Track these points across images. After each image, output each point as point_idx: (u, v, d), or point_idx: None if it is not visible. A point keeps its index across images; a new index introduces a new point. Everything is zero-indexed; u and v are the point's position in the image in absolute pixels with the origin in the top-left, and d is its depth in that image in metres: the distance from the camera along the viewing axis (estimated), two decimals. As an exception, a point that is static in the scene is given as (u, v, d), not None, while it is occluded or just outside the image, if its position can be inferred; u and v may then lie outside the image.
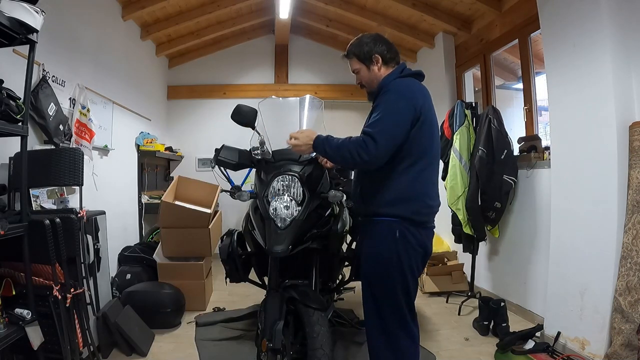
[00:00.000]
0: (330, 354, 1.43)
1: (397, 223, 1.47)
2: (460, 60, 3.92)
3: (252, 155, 1.81)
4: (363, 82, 1.65)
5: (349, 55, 1.66)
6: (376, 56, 1.58)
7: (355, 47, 1.63)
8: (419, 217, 1.50)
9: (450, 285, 3.34)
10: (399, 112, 1.42)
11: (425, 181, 1.51)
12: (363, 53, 1.60)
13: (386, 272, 1.49)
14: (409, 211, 1.47)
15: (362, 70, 1.62)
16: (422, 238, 1.52)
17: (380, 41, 1.60)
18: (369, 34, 1.65)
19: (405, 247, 1.47)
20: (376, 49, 1.58)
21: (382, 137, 1.38)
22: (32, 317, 1.61)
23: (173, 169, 4.95)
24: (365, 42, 1.61)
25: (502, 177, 2.73)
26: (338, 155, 1.46)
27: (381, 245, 1.50)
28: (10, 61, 1.97)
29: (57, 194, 2.26)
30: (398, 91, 1.46)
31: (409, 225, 1.47)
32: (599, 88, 2.06)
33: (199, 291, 2.98)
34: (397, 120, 1.41)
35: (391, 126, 1.40)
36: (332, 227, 1.83)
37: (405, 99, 1.44)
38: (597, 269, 2.07)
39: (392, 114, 1.42)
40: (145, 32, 4.00)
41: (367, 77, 1.62)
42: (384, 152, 1.39)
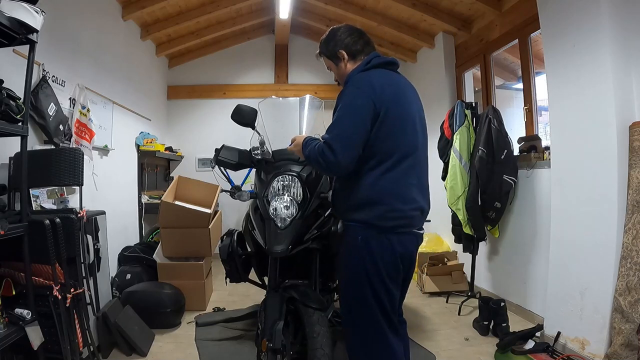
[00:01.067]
0: (330, 354, 1.43)
1: (361, 229, 1.36)
2: (460, 60, 3.92)
3: (252, 155, 1.81)
4: (337, 78, 1.56)
5: (320, 53, 1.56)
6: (341, 52, 1.47)
7: (323, 45, 1.53)
8: (385, 222, 1.34)
9: (450, 285, 3.34)
10: (356, 112, 1.30)
11: (394, 182, 1.35)
12: (329, 50, 1.50)
13: (355, 279, 1.38)
14: (372, 216, 1.34)
15: (333, 67, 1.53)
16: (393, 244, 1.35)
17: (346, 34, 1.47)
18: (338, 27, 1.52)
19: (370, 254, 1.34)
20: (340, 44, 1.47)
21: (339, 144, 1.26)
22: (32, 317, 1.61)
23: (173, 169, 4.95)
24: (331, 37, 1.50)
25: (502, 177, 2.73)
26: (310, 162, 1.38)
27: (347, 251, 1.41)
28: (10, 61, 1.97)
29: (57, 194, 2.26)
30: (356, 87, 1.33)
31: (374, 232, 1.34)
32: (599, 88, 2.06)
33: (199, 291, 2.98)
34: (355, 122, 1.29)
35: (349, 129, 1.28)
36: (332, 227, 1.83)
37: (363, 95, 1.30)
38: (597, 269, 2.07)
39: (349, 115, 1.31)
40: (145, 32, 4.00)
41: (338, 74, 1.53)
42: (343, 159, 1.27)
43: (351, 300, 1.42)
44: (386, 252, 1.36)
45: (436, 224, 3.56)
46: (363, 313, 1.39)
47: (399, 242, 1.37)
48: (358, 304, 1.40)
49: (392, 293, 1.40)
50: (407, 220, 1.38)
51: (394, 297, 1.42)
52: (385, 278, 1.37)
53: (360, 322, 1.41)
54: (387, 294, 1.39)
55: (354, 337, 1.43)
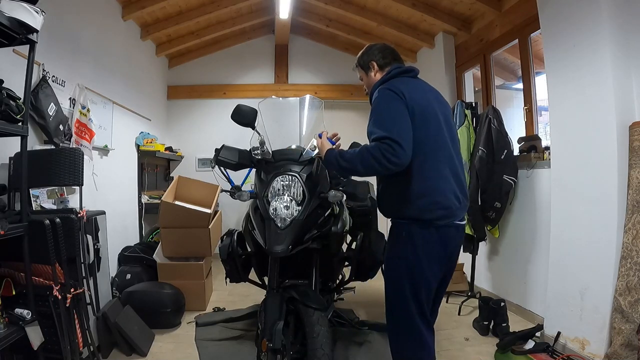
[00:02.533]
0: (330, 354, 1.43)
1: (405, 225, 1.47)
2: (460, 60, 3.92)
3: (252, 155, 1.81)
4: (365, 87, 1.75)
5: (356, 65, 1.77)
6: (372, 63, 1.68)
7: (359, 57, 1.75)
8: (427, 214, 1.42)
9: (450, 285, 3.31)
10: (398, 111, 1.41)
11: (432, 178, 1.44)
12: (363, 61, 1.72)
13: (395, 273, 1.51)
14: (415, 210, 1.43)
15: (364, 76, 1.74)
16: (433, 238, 1.44)
17: (378, 49, 1.70)
18: (370, 44, 1.76)
19: (414, 249, 1.44)
20: (372, 57, 1.68)
21: (402, 139, 1.34)
22: (32, 317, 1.61)
23: (173, 169, 4.95)
24: (366, 51, 1.73)
25: (502, 177, 2.73)
26: (359, 164, 1.40)
27: (392, 248, 1.53)
28: (10, 61, 1.97)
29: (57, 194, 2.26)
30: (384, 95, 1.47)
31: (417, 227, 1.44)
32: (599, 88, 2.06)
33: (199, 291, 2.98)
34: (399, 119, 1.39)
35: (401, 126, 1.38)
36: (332, 227, 1.83)
37: (393, 98, 1.44)
38: (597, 269, 2.07)
39: (392, 114, 1.41)
40: (145, 32, 4.00)
41: (367, 82, 1.73)
42: (409, 152, 1.35)
43: (391, 293, 1.55)
44: (432, 246, 1.46)
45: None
46: (399, 305, 1.51)
47: (440, 237, 1.46)
48: (396, 296, 1.52)
49: (430, 287, 1.51)
50: (447, 211, 1.46)
51: (431, 292, 1.53)
52: (428, 273, 1.48)
53: (396, 313, 1.54)
54: (426, 288, 1.49)
55: (391, 327, 1.56)
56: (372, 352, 2.29)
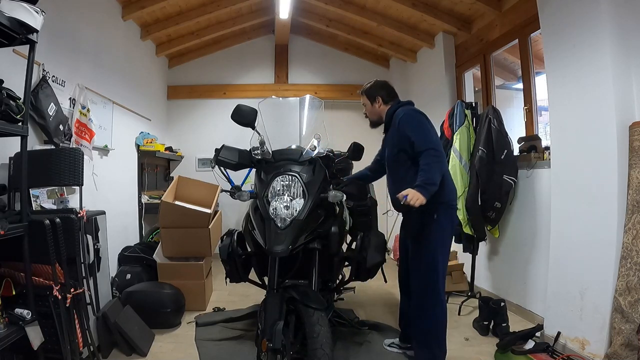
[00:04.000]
0: (331, 354, 1.43)
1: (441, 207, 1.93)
2: (460, 60, 3.92)
3: (252, 155, 1.81)
4: (367, 112, 2.23)
5: (362, 92, 2.23)
6: (378, 97, 2.16)
7: (367, 89, 2.20)
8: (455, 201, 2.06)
9: (450, 285, 3.33)
10: (432, 129, 1.98)
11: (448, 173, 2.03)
12: (370, 94, 2.18)
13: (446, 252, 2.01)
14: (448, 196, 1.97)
15: (367, 104, 2.20)
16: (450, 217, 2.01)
17: (384, 88, 2.19)
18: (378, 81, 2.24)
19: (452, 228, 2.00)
20: (379, 92, 2.16)
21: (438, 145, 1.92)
22: (32, 317, 1.61)
23: (173, 169, 4.95)
24: (375, 86, 2.19)
25: (502, 177, 2.72)
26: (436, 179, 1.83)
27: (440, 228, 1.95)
28: (10, 61, 1.97)
29: (57, 194, 2.26)
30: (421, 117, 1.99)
31: (452, 210, 2.00)
32: (599, 88, 2.06)
33: (199, 291, 2.98)
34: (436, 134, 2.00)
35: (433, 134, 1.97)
36: (332, 227, 1.83)
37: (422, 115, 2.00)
38: (597, 269, 2.07)
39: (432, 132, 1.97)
40: (145, 32, 4.00)
41: (370, 110, 2.21)
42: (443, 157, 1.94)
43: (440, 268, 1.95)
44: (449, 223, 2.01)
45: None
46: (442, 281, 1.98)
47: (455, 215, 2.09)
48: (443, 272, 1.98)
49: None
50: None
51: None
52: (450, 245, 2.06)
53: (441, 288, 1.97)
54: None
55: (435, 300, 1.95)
56: (372, 352, 2.29)
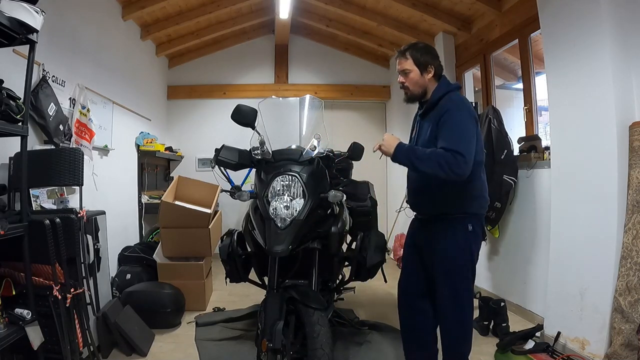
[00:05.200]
0: (330, 354, 1.43)
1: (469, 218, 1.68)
2: (460, 60, 3.92)
3: (252, 155, 1.81)
4: (407, 84, 1.74)
5: (405, 54, 1.73)
6: (431, 67, 1.71)
7: (416, 51, 1.72)
8: (484, 211, 1.77)
9: (450, 285, 3.33)
10: (473, 133, 1.60)
11: (484, 180, 1.75)
12: (423, 60, 1.71)
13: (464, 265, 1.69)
14: (480, 207, 1.73)
15: (414, 73, 1.72)
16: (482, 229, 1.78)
17: (438, 57, 1.77)
18: (430, 46, 1.81)
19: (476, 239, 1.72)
20: (434, 62, 1.73)
21: (470, 156, 1.55)
22: (32, 317, 1.60)
23: (173, 169, 4.95)
24: (429, 51, 1.74)
25: (502, 177, 2.72)
26: (427, 166, 1.57)
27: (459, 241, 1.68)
28: (10, 61, 1.96)
29: (57, 194, 2.26)
30: (465, 112, 1.63)
31: (477, 220, 1.71)
32: (599, 88, 2.06)
33: (199, 291, 2.98)
34: (473, 140, 1.59)
35: (472, 145, 1.58)
36: (332, 227, 1.83)
37: (472, 119, 1.64)
38: (597, 269, 2.07)
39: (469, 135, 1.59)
40: (145, 32, 4.00)
41: (417, 80, 1.72)
42: (470, 168, 1.55)
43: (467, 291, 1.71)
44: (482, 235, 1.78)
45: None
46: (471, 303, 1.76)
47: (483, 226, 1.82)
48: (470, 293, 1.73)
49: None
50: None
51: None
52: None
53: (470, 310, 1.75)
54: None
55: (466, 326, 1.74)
56: (372, 352, 2.29)
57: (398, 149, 1.61)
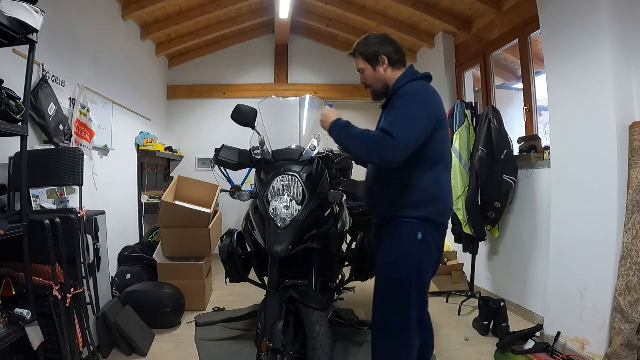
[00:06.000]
0: (330, 354, 1.43)
1: (419, 225, 1.47)
2: (460, 60, 3.92)
3: (252, 155, 1.81)
4: (368, 82, 1.63)
5: (355, 53, 1.63)
6: (383, 57, 1.56)
7: (362, 46, 1.61)
8: (442, 217, 1.54)
9: (450, 285, 3.34)
10: (417, 119, 1.41)
11: (447, 182, 1.56)
12: (370, 53, 1.58)
13: (406, 275, 1.48)
14: (433, 212, 1.49)
15: (368, 70, 1.60)
16: (439, 239, 1.55)
17: (389, 42, 1.59)
18: (377, 34, 1.64)
19: (428, 250, 1.49)
20: (383, 50, 1.56)
21: (402, 139, 1.36)
22: (32, 317, 1.61)
23: (173, 169, 4.95)
24: (372, 42, 1.59)
25: (502, 177, 2.72)
26: (353, 146, 1.45)
27: (402, 248, 1.49)
28: (10, 61, 1.97)
29: (57, 194, 2.26)
30: (415, 97, 1.45)
31: (431, 228, 1.49)
32: (599, 88, 2.06)
33: (199, 291, 2.97)
34: (414, 126, 1.40)
35: (410, 130, 1.38)
36: (332, 227, 1.83)
37: (424, 105, 1.44)
38: (597, 269, 2.07)
39: (410, 119, 1.40)
40: (145, 32, 4.00)
41: (372, 77, 1.60)
42: (401, 154, 1.37)
43: (396, 296, 1.50)
44: (437, 246, 1.53)
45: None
46: (401, 310, 1.48)
47: (442, 236, 1.57)
48: (401, 301, 1.48)
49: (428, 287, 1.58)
50: (450, 217, 1.62)
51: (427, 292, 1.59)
52: (432, 272, 1.55)
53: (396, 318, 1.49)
54: (426, 292, 1.56)
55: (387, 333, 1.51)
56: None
57: (334, 123, 1.50)
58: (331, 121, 1.52)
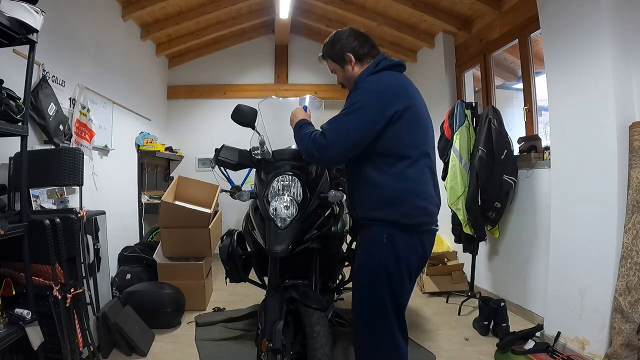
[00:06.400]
0: (330, 354, 1.43)
1: (386, 227, 1.37)
2: (460, 60, 3.92)
3: (252, 155, 1.81)
4: (342, 82, 1.59)
5: (323, 56, 1.58)
6: (348, 55, 1.49)
7: (328, 47, 1.55)
8: (410, 219, 1.37)
9: (450, 285, 3.34)
10: (360, 116, 1.33)
11: (416, 180, 1.39)
12: (335, 53, 1.52)
13: (374, 280, 1.40)
14: (397, 213, 1.36)
15: (338, 70, 1.55)
16: (414, 243, 1.39)
17: (353, 37, 1.50)
18: (342, 30, 1.55)
19: (395, 253, 1.36)
20: (348, 46, 1.49)
21: (335, 138, 1.32)
22: (32, 317, 1.61)
23: (173, 169, 4.95)
24: (337, 39, 1.53)
25: (502, 177, 2.72)
26: (299, 146, 1.45)
27: (368, 251, 1.43)
28: (10, 61, 1.97)
29: (57, 194, 2.26)
30: (367, 90, 1.37)
31: (398, 230, 1.36)
32: (599, 88, 2.06)
33: (199, 291, 2.98)
34: (353, 124, 1.33)
35: (348, 128, 1.32)
36: (332, 227, 1.83)
37: (372, 100, 1.34)
38: (597, 269, 2.07)
39: (351, 117, 1.34)
40: (145, 32, 4.00)
41: (343, 77, 1.55)
42: (334, 154, 1.34)
43: (367, 301, 1.45)
44: (411, 252, 1.39)
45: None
46: (377, 315, 1.41)
47: (420, 241, 1.41)
48: (373, 305, 1.42)
49: (408, 293, 1.46)
50: (428, 218, 1.43)
51: (408, 297, 1.47)
52: (406, 278, 1.41)
53: (373, 323, 1.43)
54: (404, 294, 1.44)
55: (363, 338, 1.46)
56: (372, 352, 2.28)
57: (297, 124, 1.47)
58: (296, 121, 1.51)
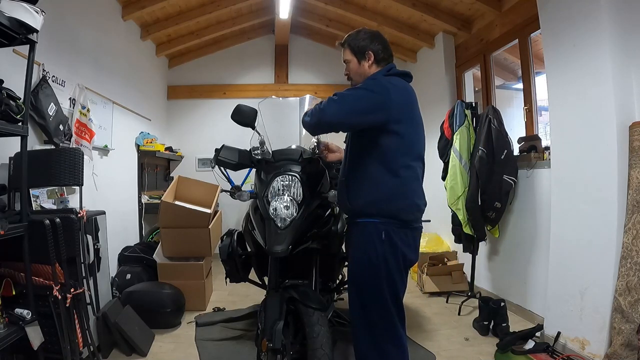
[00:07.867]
0: (330, 354, 1.43)
1: (382, 223, 1.44)
2: (460, 60, 3.92)
3: (252, 155, 1.81)
4: (350, 74, 1.66)
5: (344, 44, 1.64)
6: (369, 53, 1.58)
7: (351, 39, 1.62)
8: (406, 215, 1.47)
9: (450, 285, 3.34)
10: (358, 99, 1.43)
11: (412, 179, 1.50)
12: (358, 46, 1.59)
13: (376, 276, 1.45)
14: (395, 209, 1.44)
15: (353, 62, 1.62)
16: (408, 239, 1.48)
17: (378, 39, 1.60)
18: (370, 30, 1.65)
19: (392, 247, 1.44)
20: (372, 46, 1.58)
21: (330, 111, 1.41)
22: (32, 317, 1.61)
23: (173, 169, 4.95)
24: (362, 36, 1.60)
25: (502, 177, 2.72)
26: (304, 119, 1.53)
27: (365, 246, 1.47)
28: (10, 61, 1.96)
29: (57, 194, 2.26)
30: (382, 84, 1.47)
31: (395, 226, 1.44)
32: (599, 88, 2.06)
33: (199, 291, 2.98)
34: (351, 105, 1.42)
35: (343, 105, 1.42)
36: (332, 227, 1.83)
37: (373, 93, 1.43)
38: (597, 269, 2.07)
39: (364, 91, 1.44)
40: (145, 32, 4.00)
41: (356, 70, 1.62)
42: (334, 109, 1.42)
43: (366, 296, 1.49)
44: (406, 246, 1.47)
45: (436, 224, 3.56)
46: (379, 310, 1.46)
47: (413, 236, 1.51)
48: (375, 301, 1.46)
49: (405, 286, 1.52)
50: (419, 214, 1.54)
51: (404, 290, 1.53)
52: (403, 271, 1.49)
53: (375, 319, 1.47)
54: (402, 287, 1.51)
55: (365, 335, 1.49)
56: (372, 352, 2.28)
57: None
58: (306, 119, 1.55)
